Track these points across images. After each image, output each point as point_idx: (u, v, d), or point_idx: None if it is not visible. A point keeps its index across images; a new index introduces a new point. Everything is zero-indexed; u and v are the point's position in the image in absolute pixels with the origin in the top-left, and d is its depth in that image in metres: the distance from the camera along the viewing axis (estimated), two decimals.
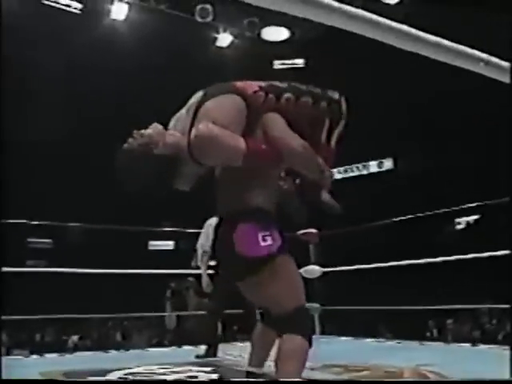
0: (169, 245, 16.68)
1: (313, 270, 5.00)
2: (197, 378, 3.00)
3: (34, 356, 4.60)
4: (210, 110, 1.72)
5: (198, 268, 4.33)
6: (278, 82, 1.87)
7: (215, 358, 3.97)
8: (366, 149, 13.98)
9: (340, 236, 5.60)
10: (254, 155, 1.65)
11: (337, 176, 13.56)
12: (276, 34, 12.56)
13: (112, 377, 2.97)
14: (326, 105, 1.86)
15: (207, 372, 3.18)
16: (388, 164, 16.12)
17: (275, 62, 14.32)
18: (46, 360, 4.20)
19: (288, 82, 1.87)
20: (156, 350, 6.10)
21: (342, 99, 1.91)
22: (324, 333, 5.22)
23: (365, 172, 16.46)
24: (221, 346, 4.19)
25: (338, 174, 14.69)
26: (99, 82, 13.16)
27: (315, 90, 1.88)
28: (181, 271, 5.76)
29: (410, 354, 3.78)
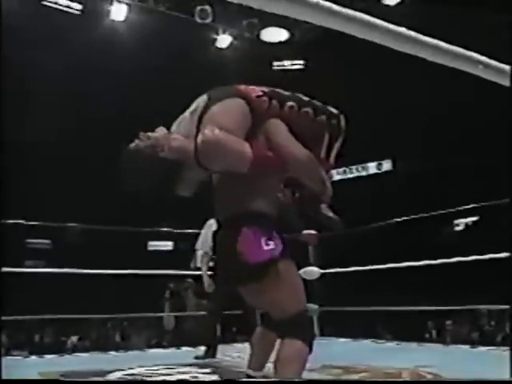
0: (168, 245, 16.65)
1: (312, 272, 5.00)
2: (196, 379, 3.00)
3: (33, 357, 4.60)
4: (216, 115, 1.71)
5: (198, 270, 4.33)
6: (280, 89, 1.87)
7: (214, 359, 3.97)
8: (365, 150, 13.97)
9: (339, 237, 5.59)
10: (259, 162, 1.64)
11: (336, 177, 13.54)
12: (275, 35, 12.58)
13: (112, 377, 2.97)
14: (326, 118, 1.86)
15: (206, 373, 3.18)
16: (387, 165, 16.13)
17: (274, 63, 14.33)
18: (45, 361, 4.19)
19: (290, 92, 1.87)
20: (155, 351, 6.10)
21: (341, 116, 1.91)
22: (323, 334, 5.21)
23: (364, 173, 16.46)
24: (220, 347, 4.20)
25: (336, 175, 14.66)
26: (99, 82, 13.14)
27: (316, 102, 1.88)
28: (180, 272, 5.76)
29: (409, 355, 3.79)
